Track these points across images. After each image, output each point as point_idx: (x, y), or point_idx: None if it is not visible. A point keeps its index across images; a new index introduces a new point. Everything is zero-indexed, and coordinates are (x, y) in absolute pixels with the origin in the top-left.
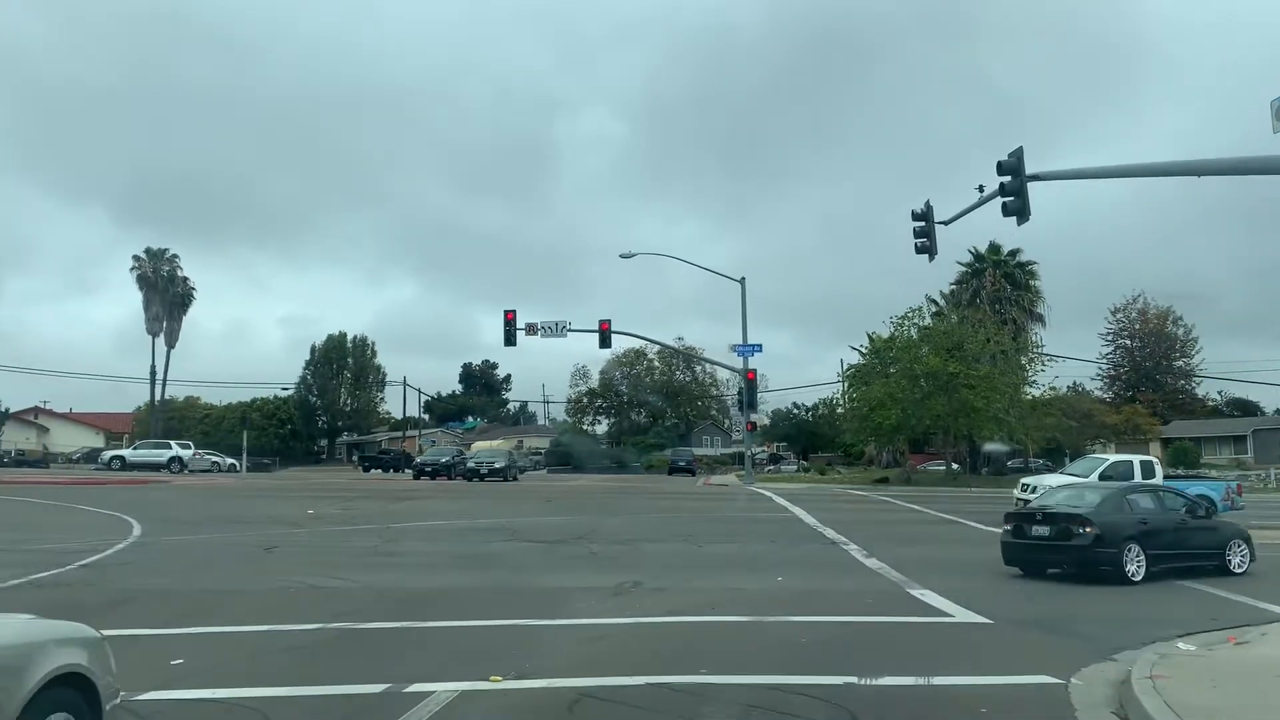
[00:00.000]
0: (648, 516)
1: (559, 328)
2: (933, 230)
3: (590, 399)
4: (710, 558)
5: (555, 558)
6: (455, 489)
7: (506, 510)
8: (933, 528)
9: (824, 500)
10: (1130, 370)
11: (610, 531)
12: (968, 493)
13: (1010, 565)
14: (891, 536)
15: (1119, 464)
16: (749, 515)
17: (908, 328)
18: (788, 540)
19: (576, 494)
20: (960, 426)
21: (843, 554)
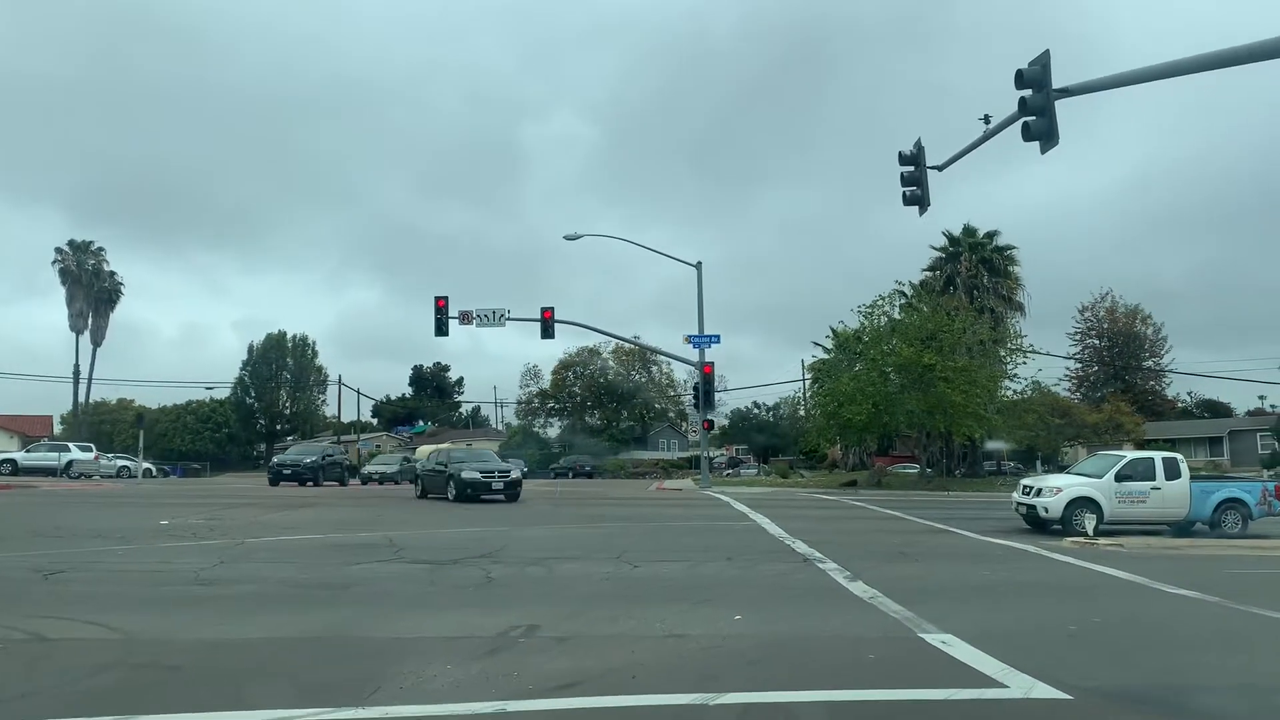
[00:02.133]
0: (579, 527)
1: (496, 316)
2: (924, 176)
3: (542, 400)
4: (646, 584)
5: (434, 586)
6: (364, 496)
7: (410, 521)
8: (922, 538)
9: (789, 506)
10: (1099, 370)
11: (526, 547)
12: (946, 497)
13: None
14: (876, 551)
15: (1137, 462)
16: (703, 525)
17: (877, 317)
18: (749, 557)
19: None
20: (937, 424)
21: (819, 575)
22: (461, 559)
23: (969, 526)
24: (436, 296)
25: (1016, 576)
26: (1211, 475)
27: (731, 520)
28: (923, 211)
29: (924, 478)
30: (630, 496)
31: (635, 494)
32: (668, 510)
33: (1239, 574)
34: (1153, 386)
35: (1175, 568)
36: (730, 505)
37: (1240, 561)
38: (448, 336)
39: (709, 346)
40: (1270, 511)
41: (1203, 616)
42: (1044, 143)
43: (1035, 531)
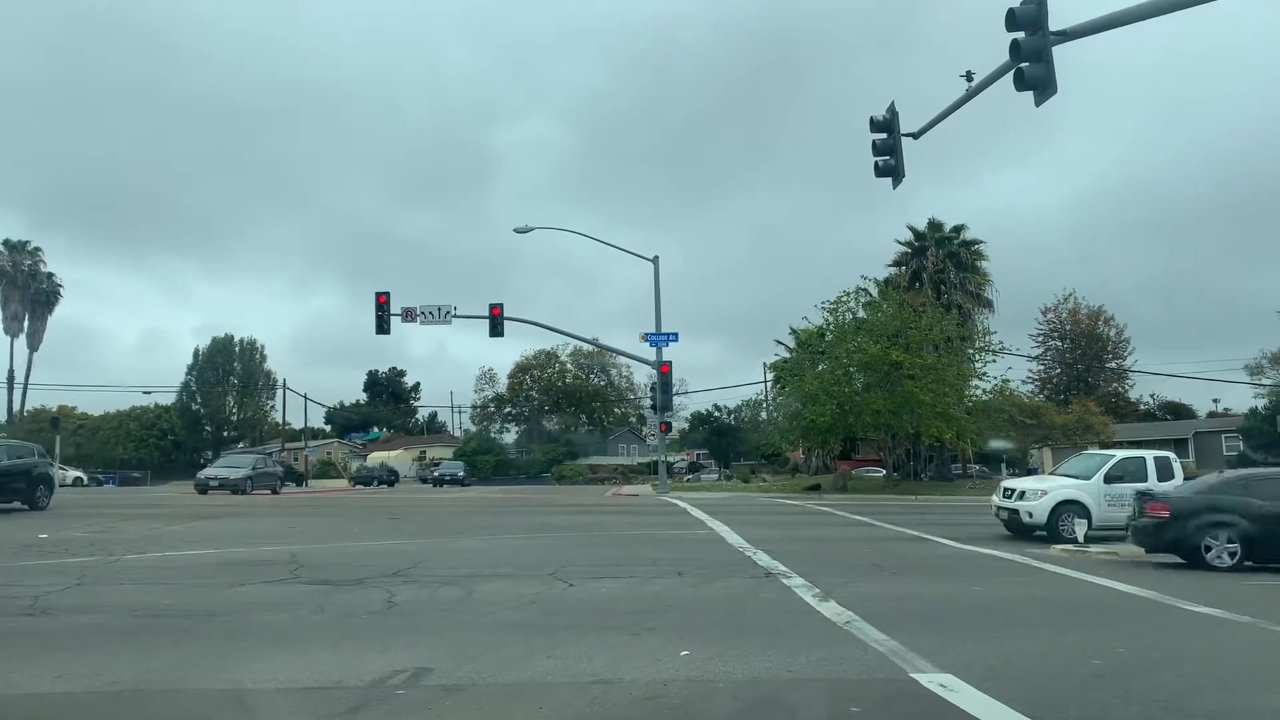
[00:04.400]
0: (519, 538)
1: (442, 314)
2: (898, 145)
3: (498, 405)
4: (579, 608)
5: (321, 614)
6: (292, 505)
7: (331, 532)
8: (896, 547)
9: (750, 512)
10: (1062, 372)
11: (449, 562)
12: (914, 501)
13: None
14: (847, 562)
15: (1128, 462)
16: (655, 535)
17: (842, 314)
18: (704, 571)
19: (446, 508)
20: (904, 424)
21: (784, 594)
22: (368, 578)
23: (945, 533)
24: (377, 293)
25: (1010, 592)
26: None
27: (688, 528)
28: (896, 183)
29: (890, 481)
30: (583, 503)
31: (589, 500)
32: (619, 518)
33: (1256, 586)
34: (1116, 389)
35: (1184, 580)
36: (687, 512)
37: (1250, 569)
38: (389, 335)
39: (666, 345)
40: None
41: (1243, 643)
42: (1040, 92)
43: (1018, 538)
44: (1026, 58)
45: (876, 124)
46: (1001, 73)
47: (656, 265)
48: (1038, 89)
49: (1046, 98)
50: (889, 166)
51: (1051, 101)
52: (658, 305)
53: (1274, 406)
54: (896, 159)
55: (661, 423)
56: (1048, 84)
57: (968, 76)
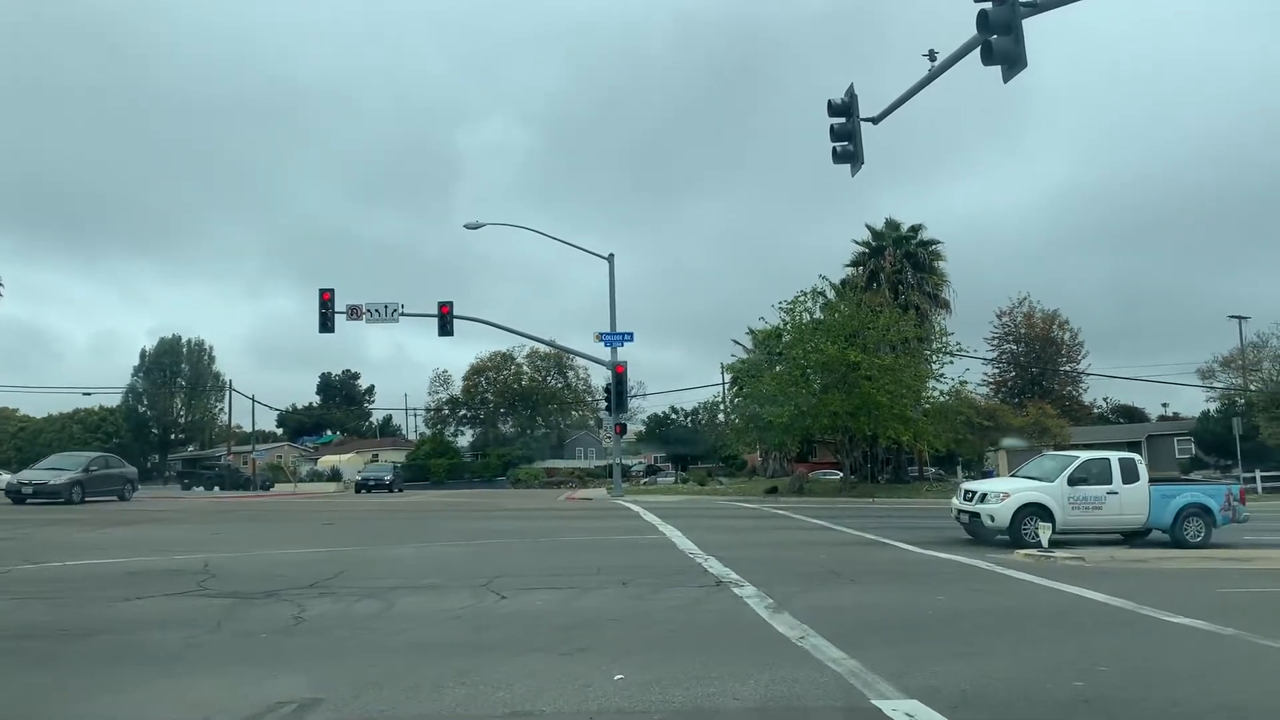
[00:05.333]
0: (457, 545)
1: (389, 312)
2: (857, 130)
3: (452, 408)
4: (508, 624)
5: (215, 633)
6: (226, 510)
7: (254, 540)
8: (854, 553)
9: (705, 516)
10: (1017, 375)
11: (376, 572)
12: (872, 504)
13: None
14: (803, 569)
15: (1092, 464)
16: (602, 540)
17: (799, 313)
18: (650, 580)
19: (388, 513)
20: (862, 425)
21: (735, 605)
22: (283, 590)
23: (904, 537)
24: (321, 290)
25: (976, 602)
26: (1168, 477)
27: (638, 533)
28: (855, 170)
29: (848, 484)
30: (533, 507)
31: (541, 504)
32: (568, 523)
33: (1233, 594)
34: (1070, 392)
35: (1157, 587)
36: (640, 516)
37: (1224, 577)
38: (332, 333)
39: (621, 345)
40: (1234, 518)
41: (1233, 659)
42: (1009, 67)
43: (979, 542)
44: (995, 29)
45: (834, 107)
46: (968, 48)
47: (611, 263)
48: (1006, 63)
49: (1015, 73)
50: (847, 152)
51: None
52: (613, 304)
53: (1226, 410)
54: (855, 144)
55: (616, 424)
56: (1017, 58)
57: (930, 56)
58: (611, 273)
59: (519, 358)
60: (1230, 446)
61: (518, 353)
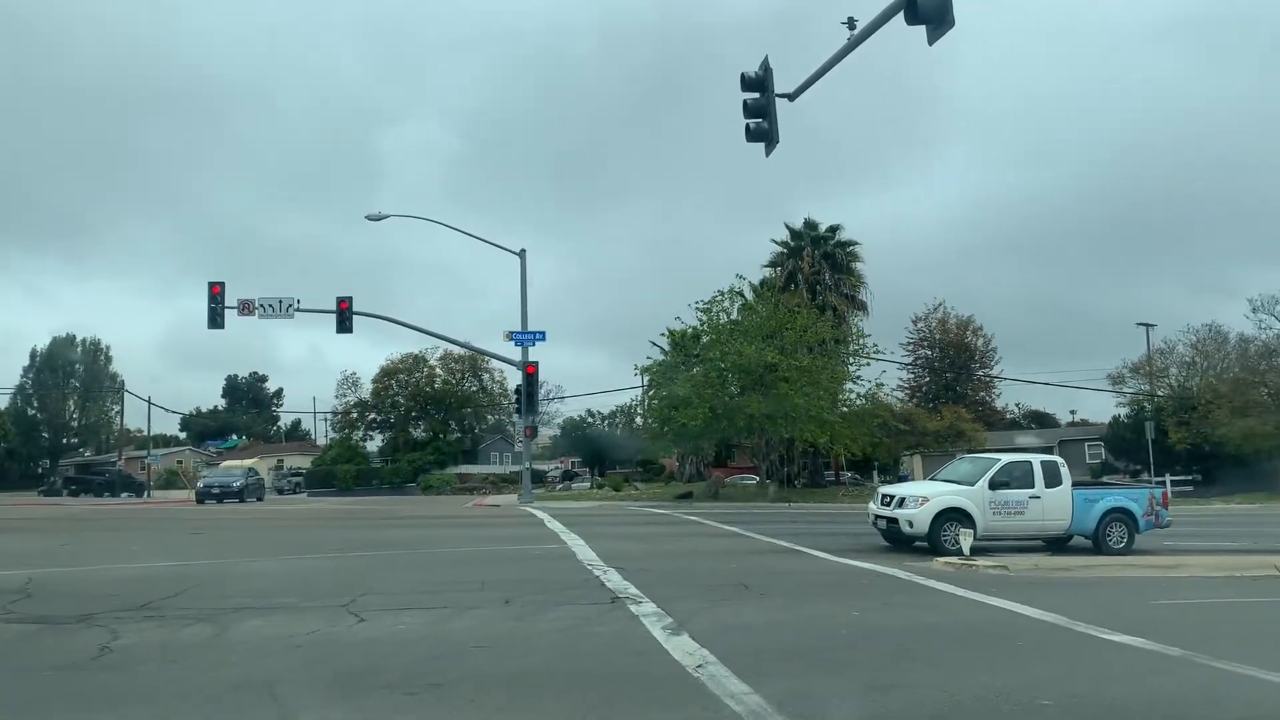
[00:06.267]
0: (330, 557)
1: (283, 307)
2: (772, 106)
3: (361, 412)
4: (355, 654)
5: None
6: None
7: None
8: (766, 562)
9: (613, 523)
10: (932, 380)
11: (226, 589)
12: (788, 509)
13: None
14: (710, 580)
15: (1013, 466)
16: (495, 551)
17: (716, 314)
18: (536, 597)
19: (267, 522)
20: (778, 428)
21: (629, 626)
22: (104, 612)
23: (820, 544)
24: (211, 283)
25: (895, 618)
26: (1091, 481)
27: (537, 543)
28: (770, 149)
29: (763, 488)
30: (435, 514)
31: (445, 511)
32: (466, 531)
33: (1167, 605)
34: (983, 398)
35: (1087, 598)
36: (544, 524)
37: (1154, 587)
38: (222, 329)
39: (533, 344)
40: (1157, 523)
41: (1187, 687)
42: (935, 26)
43: (897, 549)
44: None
45: (748, 81)
46: (892, 12)
47: (523, 259)
48: (932, 23)
49: (942, 33)
50: (761, 130)
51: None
52: (524, 302)
53: (1135, 415)
54: (770, 122)
55: (526, 427)
56: (943, 16)
57: (850, 24)
58: (523, 269)
59: (432, 360)
60: (1139, 451)
61: (430, 355)
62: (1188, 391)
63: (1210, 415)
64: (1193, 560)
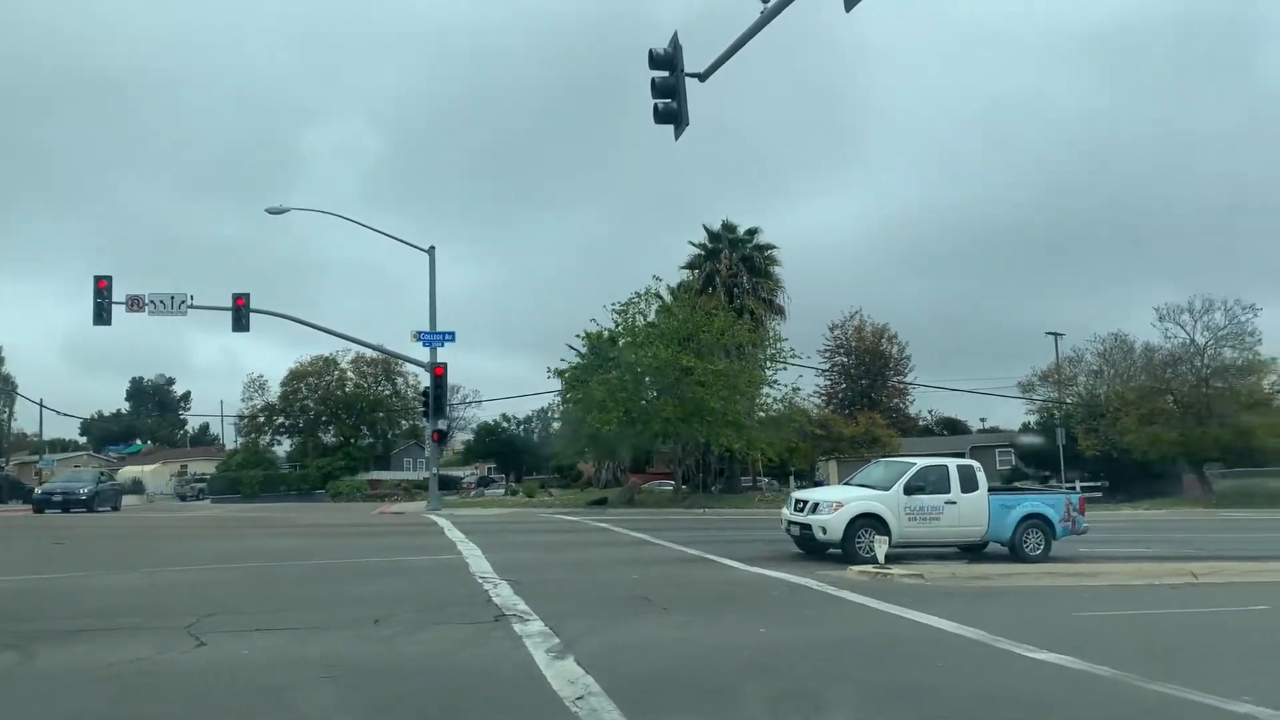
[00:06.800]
0: (196, 571)
1: (175, 303)
2: (682, 86)
3: (269, 416)
4: (173, 688)
5: None
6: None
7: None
8: (673, 572)
9: (519, 531)
10: (848, 387)
11: (62, 608)
12: (702, 515)
13: None
14: (608, 594)
15: (929, 471)
16: (384, 564)
17: (633, 315)
18: (414, 614)
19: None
20: (694, 433)
21: (509, 647)
22: None
23: (731, 552)
24: (97, 277)
25: (805, 634)
26: (1007, 487)
27: (432, 553)
28: (679, 131)
29: (679, 494)
30: (334, 523)
31: (346, 519)
32: (358, 541)
33: (1089, 619)
34: (897, 404)
35: (1008, 611)
36: (444, 533)
37: (1074, 597)
38: (109, 325)
39: (442, 345)
40: (1074, 529)
41: (1127, 712)
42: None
43: (810, 557)
44: None
45: (656, 59)
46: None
47: (432, 256)
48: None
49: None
50: (670, 111)
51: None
52: (433, 301)
53: (1045, 422)
54: (679, 102)
55: (434, 431)
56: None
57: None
58: (432, 267)
59: (343, 363)
60: (1049, 457)
61: (342, 358)
62: (1095, 399)
63: (1118, 422)
64: (1111, 568)
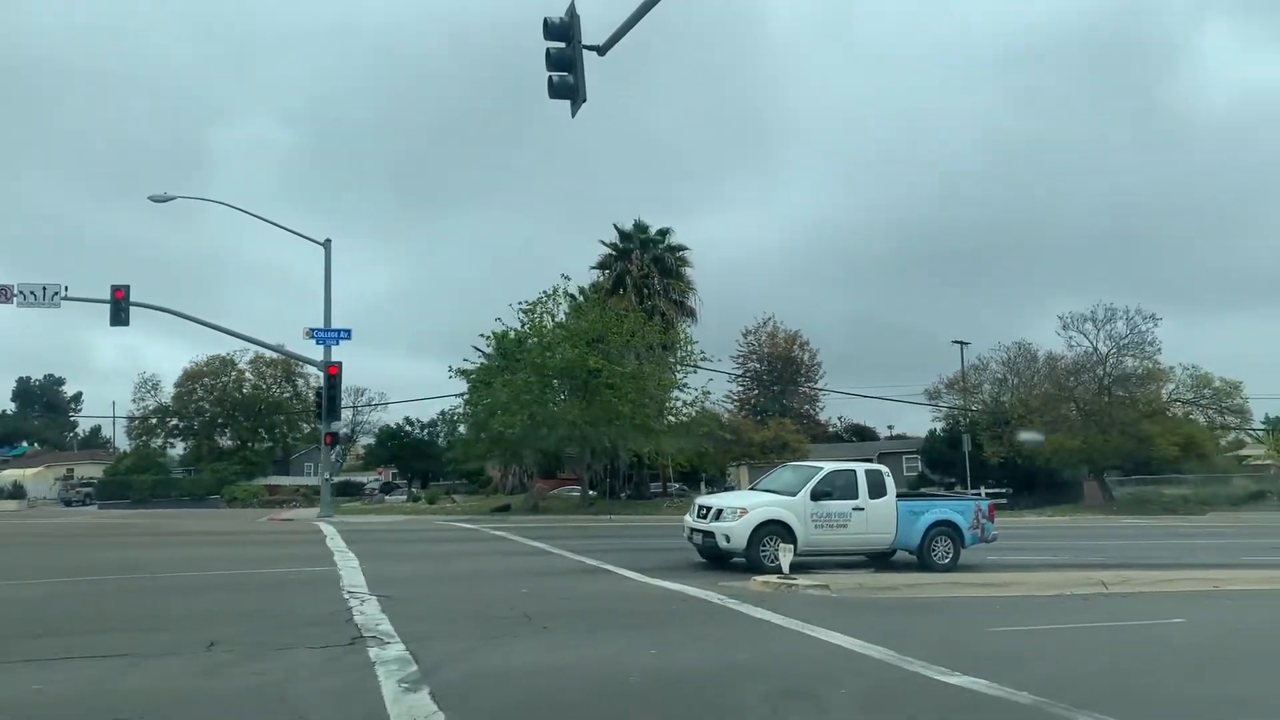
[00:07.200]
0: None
1: (47, 295)
2: (579, 58)
3: (161, 417)
4: None
5: None
6: None
7: None
8: (564, 585)
9: (410, 541)
10: (760, 393)
11: None
12: (608, 522)
13: None
14: (487, 611)
15: (837, 476)
16: (249, 577)
17: (540, 314)
18: (258, 637)
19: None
20: (601, 437)
21: (357, 675)
22: None
23: (632, 561)
24: None
25: (698, 656)
26: (915, 493)
27: (307, 564)
28: (576, 107)
29: (586, 501)
30: (217, 530)
31: (231, 527)
32: (231, 551)
33: (1004, 635)
34: (808, 410)
35: (919, 627)
36: (324, 542)
37: (986, 610)
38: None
39: (337, 343)
40: (983, 537)
41: None
42: None
43: (714, 566)
44: None
45: (551, 28)
46: None
47: (328, 250)
48: None
49: None
50: (566, 84)
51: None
52: (328, 297)
53: (951, 429)
54: (576, 76)
55: (327, 434)
56: None
57: None
58: (328, 261)
59: (241, 363)
60: (955, 464)
61: (240, 358)
62: (1000, 406)
63: (1022, 429)
64: (1021, 578)
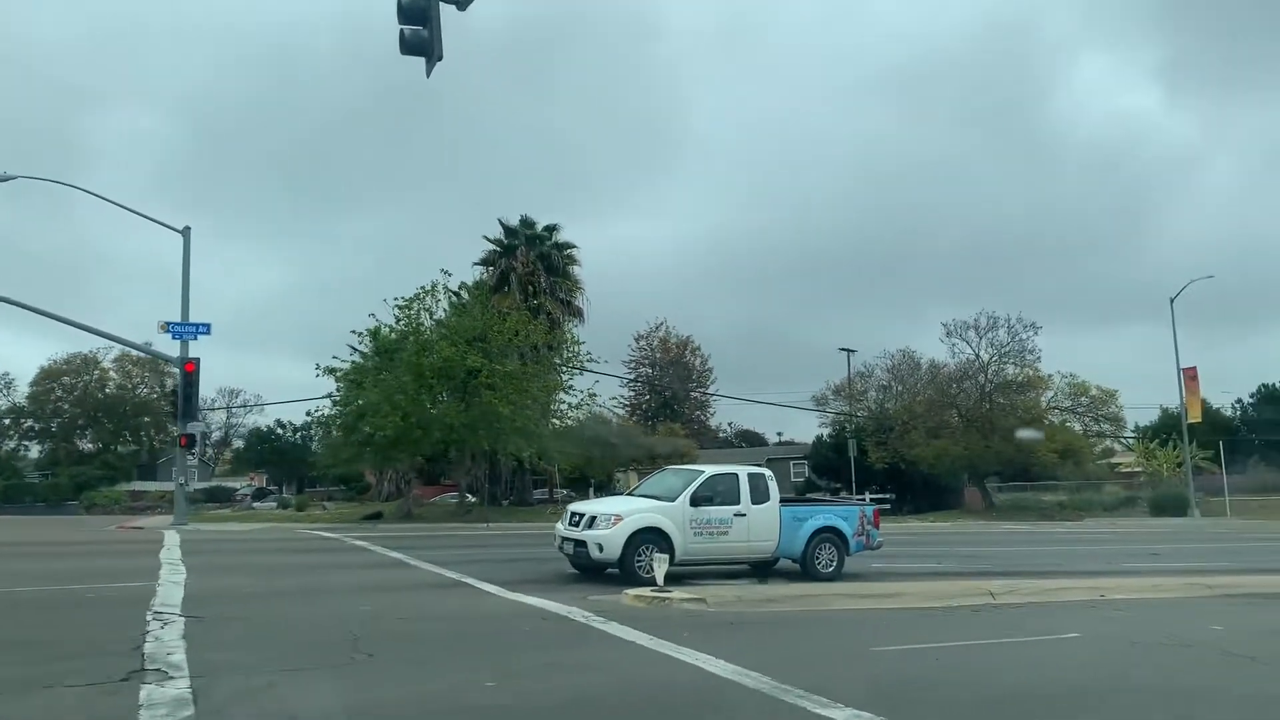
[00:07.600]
0: None
1: None
2: (435, 11)
3: (15, 418)
4: None
5: None
6: None
7: None
8: (412, 601)
9: (257, 551)
10: (651, 398)
11: None
12: (483, 531)
13: None
14: (309, 635)
15: (718, 480)
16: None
17: (417, 310)
18: (22, 668)
19: None
20: (480, 440)
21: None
22: None
23: (496, 574)
24: None
25: (547, 690)
26: (799, 498)
27: (126, 578)
28: (431, 65)
29: (463, 508)
30: (40, 540)
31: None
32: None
33: (890, 654)
34: (698, 416)
35: (799, 647)
36: (159, 553)
37: (872, 625)
38: None
39: (195, 338)
40: (868, 544)
41: None
42: None
43: (586, 578)
44: None
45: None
46: None
47: (187, 238)
48: None
49: None
50: (419, 40)
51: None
52: (185, 289)
53: (838, 435)
54: (431, 31)
55: (181, 436)
56: None
57: None
58: (186, 250)
59: (105, 361)
60: (840, 469)
61: (104, 356)
62: (885, 413)
63: (906, 436)
64: (908, 588)
